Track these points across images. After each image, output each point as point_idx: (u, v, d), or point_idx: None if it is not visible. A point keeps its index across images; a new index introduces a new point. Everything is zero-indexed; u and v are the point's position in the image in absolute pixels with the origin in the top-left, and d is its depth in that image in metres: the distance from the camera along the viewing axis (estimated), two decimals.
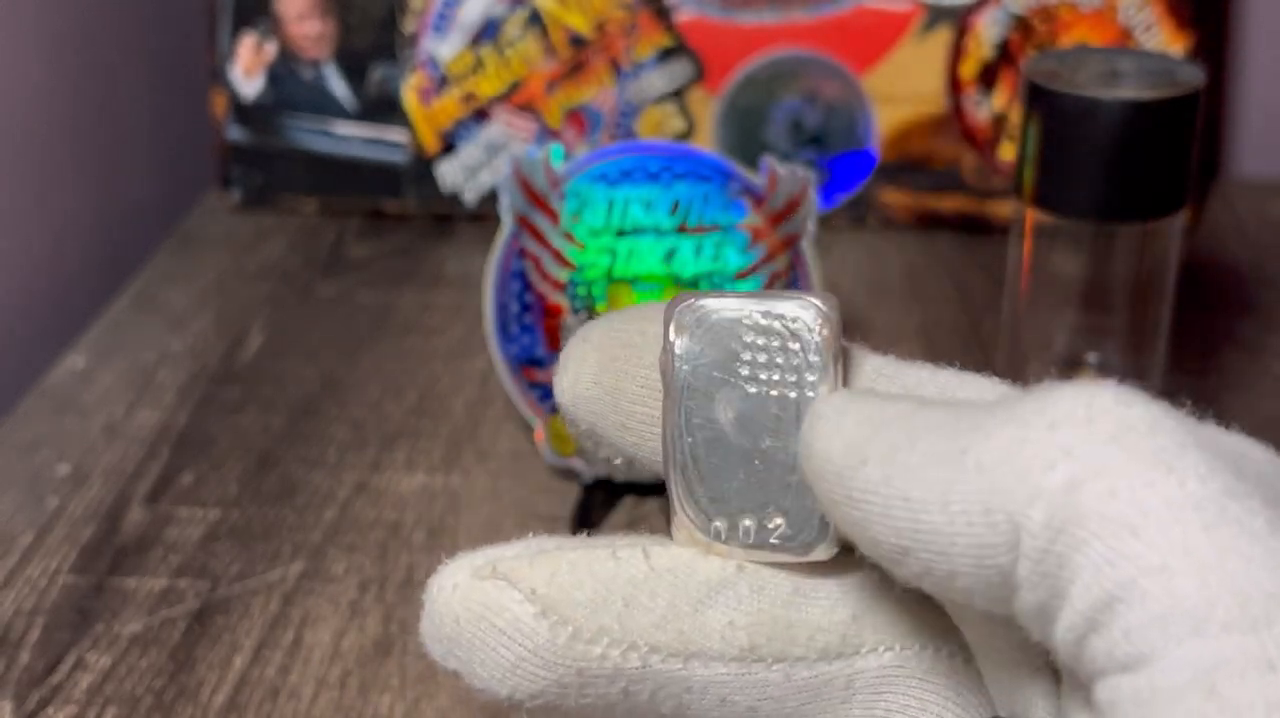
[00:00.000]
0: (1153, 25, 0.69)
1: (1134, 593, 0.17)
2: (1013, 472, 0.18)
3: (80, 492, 0.53)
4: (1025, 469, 0.18)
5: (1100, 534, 0.18)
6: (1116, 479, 0.18)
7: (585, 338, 0.25)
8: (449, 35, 0.72)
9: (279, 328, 0.65)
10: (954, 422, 0.19)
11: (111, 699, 0.43)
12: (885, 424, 0.20)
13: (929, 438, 0.19)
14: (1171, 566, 0.17)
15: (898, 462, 0.19)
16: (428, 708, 0.43)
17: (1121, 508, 0.18)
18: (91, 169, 0.72)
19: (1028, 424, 0.18)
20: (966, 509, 0.18)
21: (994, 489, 0.18)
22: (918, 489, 0.19)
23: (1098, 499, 0.18)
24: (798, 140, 0.72)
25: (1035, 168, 0.46)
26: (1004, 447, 0.18)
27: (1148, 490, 0.18)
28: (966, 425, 0.19)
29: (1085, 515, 0.18)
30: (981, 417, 0.19)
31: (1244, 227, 0.73)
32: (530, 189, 0.50)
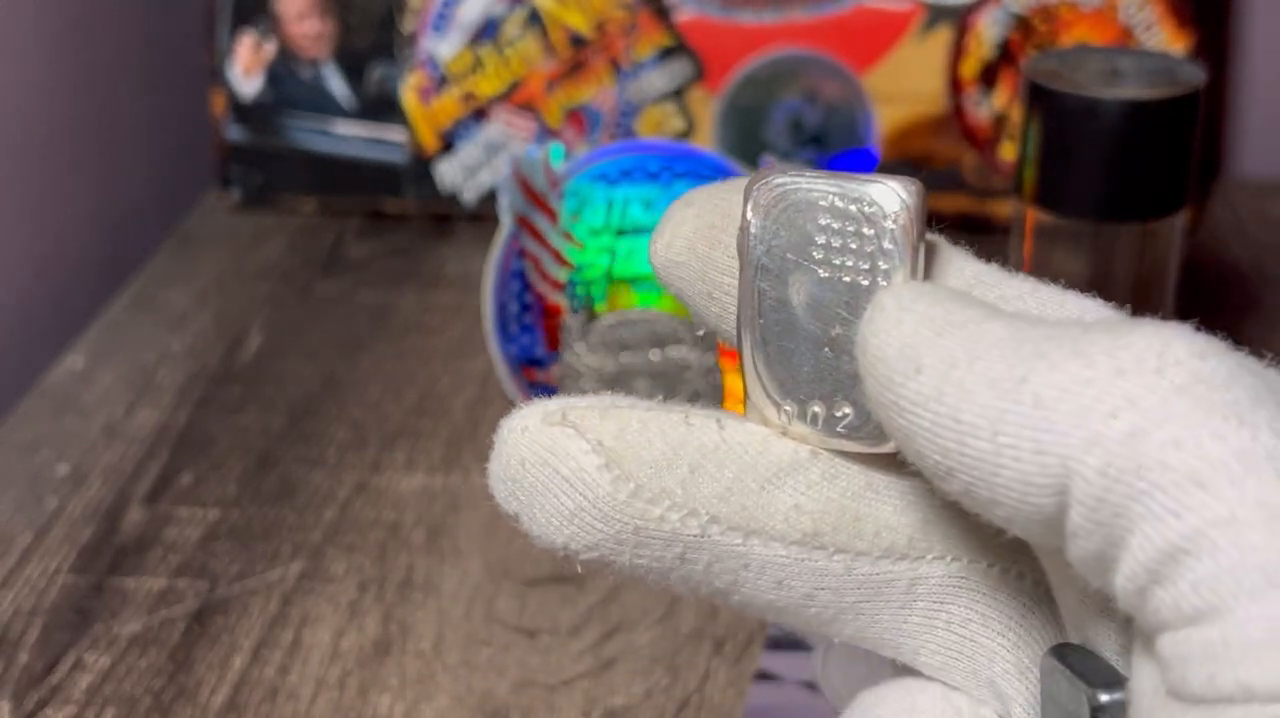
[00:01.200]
0: (1153, 25, 0.69)
1: (1202, 545, 0.17)
2: (1071, 413, 0.17)
3: (79, 492, 0.53)
4: (1084, 413, 0.17)
5: (1162, 485, 0.17)
6: (1182, 430, 0.17)
7: (687, 201, 0.23)
8: (448, 35, 0.71)
9: (278, 328, 0.65)
10: (1019, 343, 0.18)
11: (110, 700, 0.43)
12: (948, 330, 0.19)
13: (990, 356, 0.18)
14: (1242, 517, 0.17)
15: (953, 378, 0.18)
16: (427, 709, 0.43)
17: (1187, 459, 0.17)
18: (91, 169, 0.72)
19: (1094, 364, 0.18)
20: (1017, 443, 0.18)
21: (1049, 428, 0.18)
22: (969, 412, 0.18)
23: (1160, 449, 0.17)
24: (798, 140, 0.72)
25: (1036, 167, 0.46)
26: (1065, 384, 0.18)
27: (1217, 443, 0.17)
28: (1030, 351, 0.18)
29: (1146, 466, 0.17)
30: (1049, 344, 0.18)
31: (1244, 226, 0.73)
32: (530, 189, 0.50)
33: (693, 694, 0.43)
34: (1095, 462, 0.17)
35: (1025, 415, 0.18)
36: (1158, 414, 0.17)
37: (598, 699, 0.43)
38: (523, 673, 0.44)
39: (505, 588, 0.48)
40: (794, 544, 0.22)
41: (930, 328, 0.19)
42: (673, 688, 0.44)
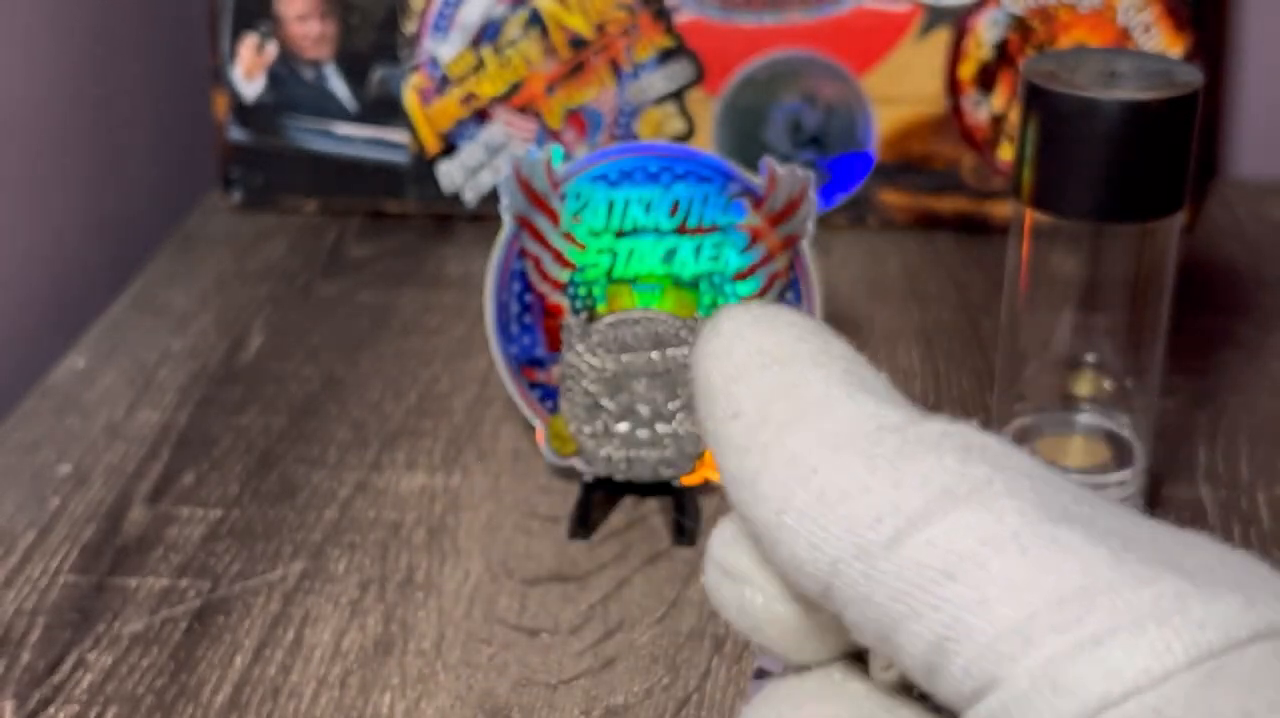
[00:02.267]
0: (1151, 26, 0.70)
1: (959, 631, 0.18)
2: (845, 518, 0.19)
3: (81, 491, 0.53)
4: (856, 521, 0.19)
5: (921, 584, 0.19)
6: (937, 529, 0.19)
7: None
8: (449, 36, 0.72)
9: (280, 328, 0.65)
10: (822, 412, 0.20)
11: (113, 699, 0.44)
12: (771, 367, 0.21)
13: (800, 424, 0.20)
14: (991, 596, 0.18)
15: (760, 439, 0.20)
16: (428, 707, 0.43)
17: (940, 554, 0.19)
18: (93, 170, 0.72)
19: (875, 470, 0.19)
20: (796, 530, 0.20)
21: (825, 528, 0.19)
22: (765, 482, 0.20)
23: (917, 551, 0.19)
24: (797, 141, 0.72)
25: (1034, 168, 0.46)
26: (846, 487, 0.19)
27: (966, 534, 0.19)
28: (829, 432, 0.20)
29: (906, 568, 0.19)
30: (846, 429, 0.20)
31: (1242, 227, 0.73)
32: (530, 190, 0.50)
33: (693, 693, 0.44)
34: (861, 567, 0.19)
35: (809, 506, 0.20)
36: (919, 518, 0.19)
37: (598, 698, 0.44)
38: (523, 672, 0.45)
39: (506, 587, 0.48)
40: None
41: (757, 362, 0.21)
42: (673, 687, 0.44)
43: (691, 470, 0.51)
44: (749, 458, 0.20)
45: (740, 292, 0.50)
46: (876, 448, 0.20)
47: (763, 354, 0.21)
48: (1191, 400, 0.58)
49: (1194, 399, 0.58)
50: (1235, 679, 0.17)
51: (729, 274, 0.50)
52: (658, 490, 0.52)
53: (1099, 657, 0.18)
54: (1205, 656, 0.18)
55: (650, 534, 0.51)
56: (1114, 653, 0.18)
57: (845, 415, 0.20)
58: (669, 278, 0.51)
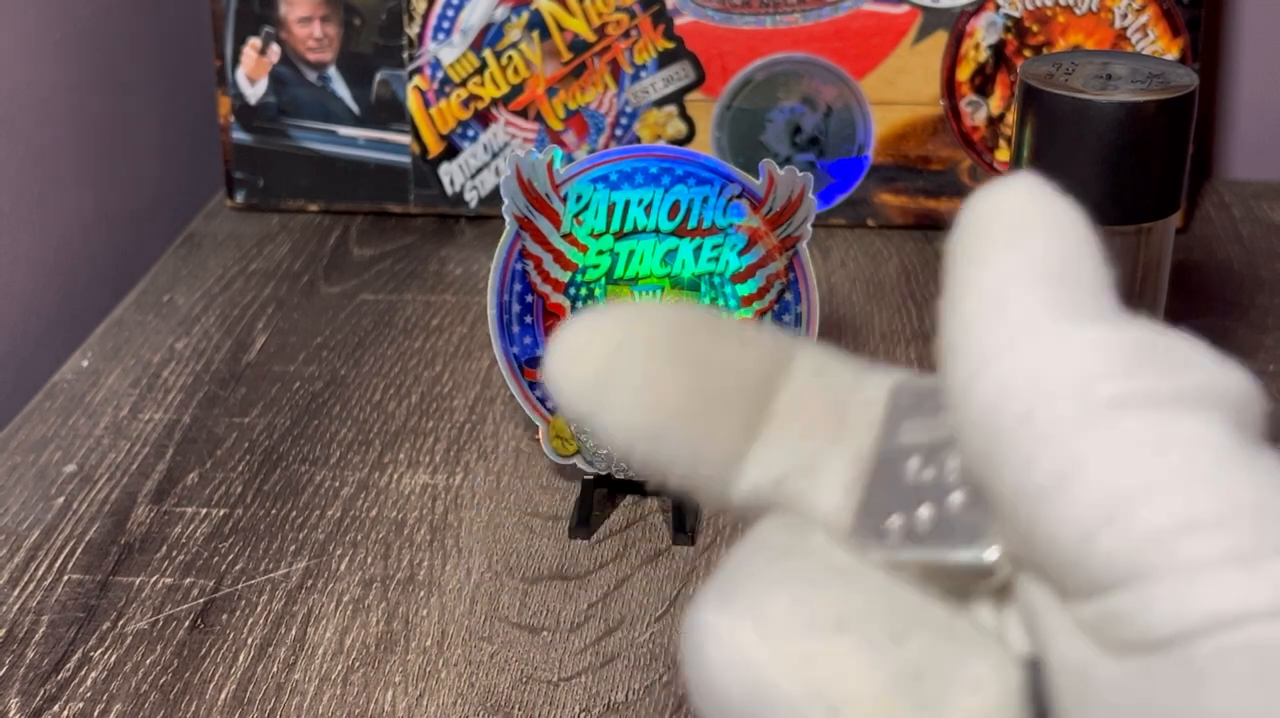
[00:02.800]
0: (1147, 28, 0.70)
1: (1142, 516, 0.19)
2: (1075, 362, 0.20)
3: (86, 490, 0.54)
4: (1088, 368, 0.20)
5: (1121, 449, 0.19)
6: (1159, 414, 0.19)
7: (597, 316, 0.23)
8: (451, 39, 0.72)
9: (283, 328, 0.65)
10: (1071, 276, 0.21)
11: (117, 696, 0.44)
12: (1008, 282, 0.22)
13: (1023, 300, 0.21)
14: (1176, 490, 0.19)
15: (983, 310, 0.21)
16: (431, 704, 0.43)
17: (1153, 436, 0.19)
18: (98, 172, 0.73)
19: (1120, 337, 0.20)
20: (1029, 357, 0.20)
21: (1052, 365, 0.20)
22: (1012, 310, 0.21)
23: (1134, 421, 0.19)
24: (796, 143, 0.72)
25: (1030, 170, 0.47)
26: (1082, 342, 0.20)
27: (1180, 429, 0.19)
28: (1074, 298, 0.21)
29: (1114, 430, 0.19)
30: (1084, 304, 0.21)
31: (1237, 228, 0.74)
32: (532, 191, 0.50)
33: None
34: (1072, 409, 0.19)
35: (1050, 331, 0.20)
36: (1147, 396, 0.19)
37: (599, 695, 0.44)
38: (525, 669, 0.45)
39: (507, 585, 0.49)
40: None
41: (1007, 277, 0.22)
42: (673, 684, 0.44)
43: None
44: (1010, 286, 0.21)
45: (739, 292, 0.51)
46: (1130, 331, 0.20)
47: (1054, 219, 0.22)
48: None
49: None
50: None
51: (728, 275, 0.51)
52: (658, 490, 0.52)
53: (1257, 566, 0.18)
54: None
55: (650, 533, 0.51)
56: (1268, 571, 0.18)
57: (1110, 303, 0.21)
58: (669, 279, 0.51)
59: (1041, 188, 0.22)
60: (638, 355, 0.23)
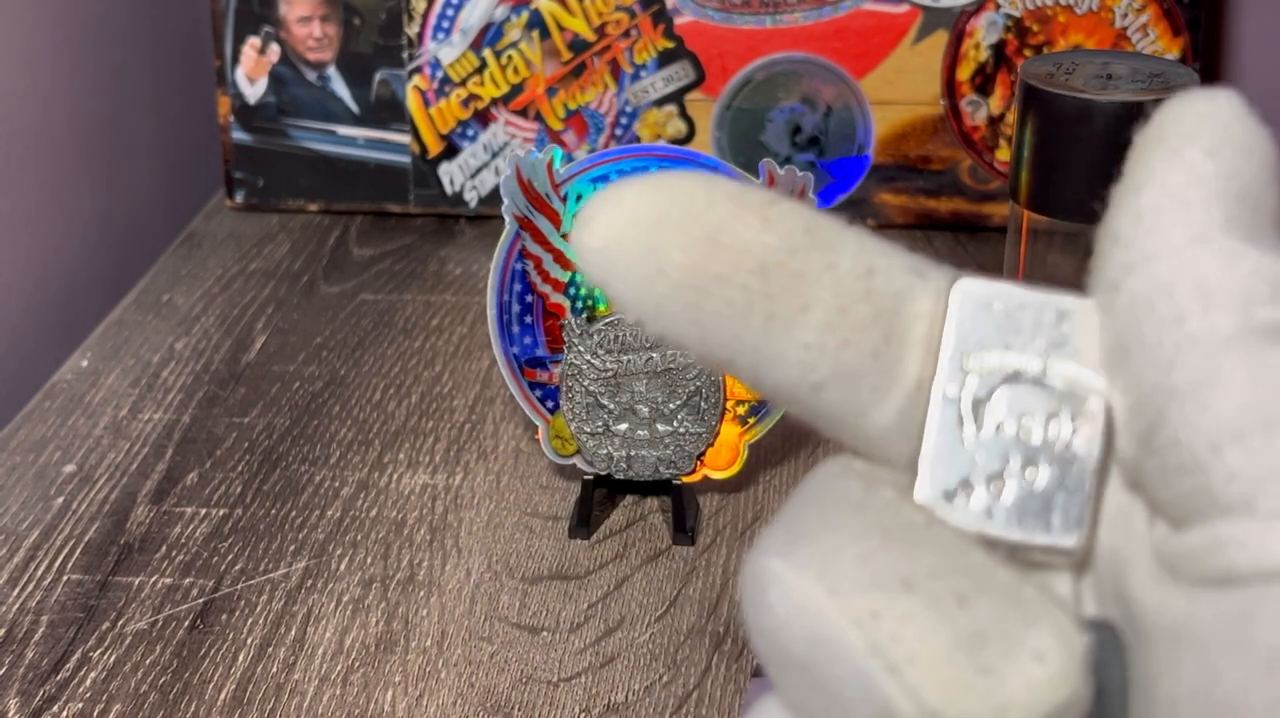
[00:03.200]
0: (1148, 28, 0.70)
1: (1262, 441, 0.19)
2: (1243, 281, 0.20)
3: (86, 490, 0.54)
4: (1254, 287, 0.20)
5: (1271, 376, 0.19)
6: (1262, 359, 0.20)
7: (623, 183, 0.23)
8: (451, 38, 0.72)
9: (283, 328, 0.65)
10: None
11: (116, 696, 0.44)
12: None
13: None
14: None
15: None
16: (430, 704, 0.43)
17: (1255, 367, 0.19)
18: (97, 172, 0.73)
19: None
20: (1195, 263, 0.20)
21: (1220, 278, 0.20)
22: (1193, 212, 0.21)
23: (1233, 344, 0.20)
24: (796, 143, 0.72)
25: (1031, 170, 0.47)
26: (1257, 261, 0.20)
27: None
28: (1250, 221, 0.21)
29: (1271, 355, 0.19)
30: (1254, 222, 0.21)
31: None
32: (532, 191, 0.50)
33: (693, 691, 0.44)
34: (1230, 322, 0.20)
35: (1221, 244, 0.21)
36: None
37: (599, 695, 0.44)
38: (524, 669, 0.45)
39: (507, 585, 0.49)
40: None
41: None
42: (673, 684, 0.44)
43: (691, 470, 0.51)
44: (1196, 189, 0.21)
45: None
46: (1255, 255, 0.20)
47: (1255, 141, 0.22)
48: None
49: None
50: None
51: None
52: (658, 489, 0.52)
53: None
54: None
55: (650, 533, 0.51)
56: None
57: (1277, 211, 0.21)
58: None
59: (1247, 111, 0.22)
60: (645, 226, 0.22)
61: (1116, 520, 0.22)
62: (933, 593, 0.20)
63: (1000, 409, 0.22)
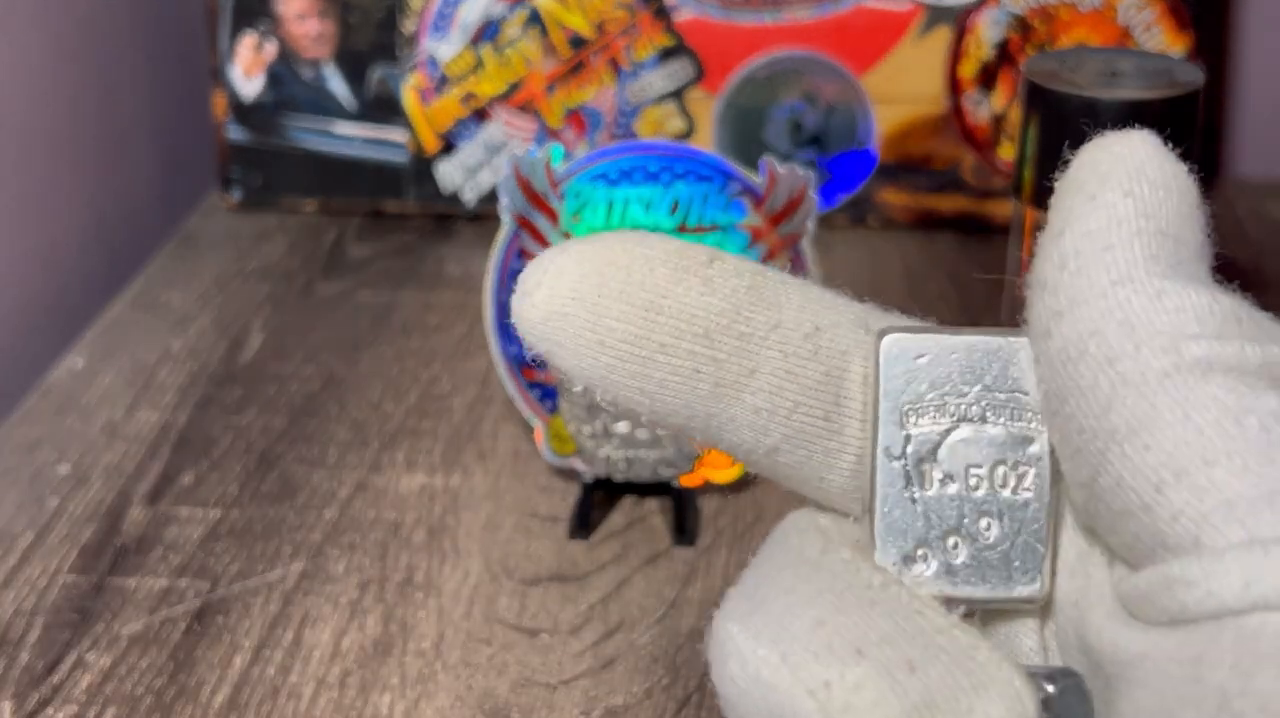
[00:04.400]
0: (1152, 25, 0.69)
1: (1200, 480, 0.19)
2: (1169, 319, 0.20)
3: (80, 492, 0.53)
4: (1180, 327, 0.20)
5: (1200, 409, 0.19)
6: (1238, 378, 0.20)
7: (560, 252, 0.23)
8: (449, 35, 0.72)
9: (279, 328, 0.65)
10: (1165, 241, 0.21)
11: (111, 699, 0.43)
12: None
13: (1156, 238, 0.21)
14: (1245, 467, 0.19)
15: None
16: (427, 708, 0.43)
17: (1234, 399, 0.19)
18: (92, 169, 0.72)
19: (1217, 302, 0.21)
20: (1121, 308, 0.21)
21: (1145, 320, 0.20)
22: (1117, 257, 0.21)
23: (1217, 388, 0.19)
24: (797, 140, 0.72)
25: (1034, 168, 0.46)
26: (1180, 302, 0.21)
27: (1264, 402, 0.19)
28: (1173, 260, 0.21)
29: (1199, 390, 0.20)
30: (1182, 257, 0.22)
31: (1243, 227, 0.73)
32: (530, 189, 0.50)
33: (693, 694, 0.44)
34: (1162, 363, 0.20)
35: (1146, 289, 0.21)
36: (1233, 360, 0.20)
37: (598, 699, 0.43)
38: (523, 672, 0.44)
39: (506, 587, 0.48)
40: None
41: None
42: (673, 688, 0.44)
43: (691, 470, 0.51)
44: (1116, 230, 0.21)
45: None
46: (1224, 299, 0.21)
47: (1171, 176, 0.22)
48: None
49: None
50: None
51: None
52: (657, 490, 0.52)
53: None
54: None
55: (650, 534, 0.51)
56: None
57: (1206, 271, 0.21)
58: None
59: (1162, 146, 0.22)
60: (585, 297, 0.22)
61: (1076, 568, 0.22)
62: (884, 660, 0.20)
63: (945, 464, 0.22)
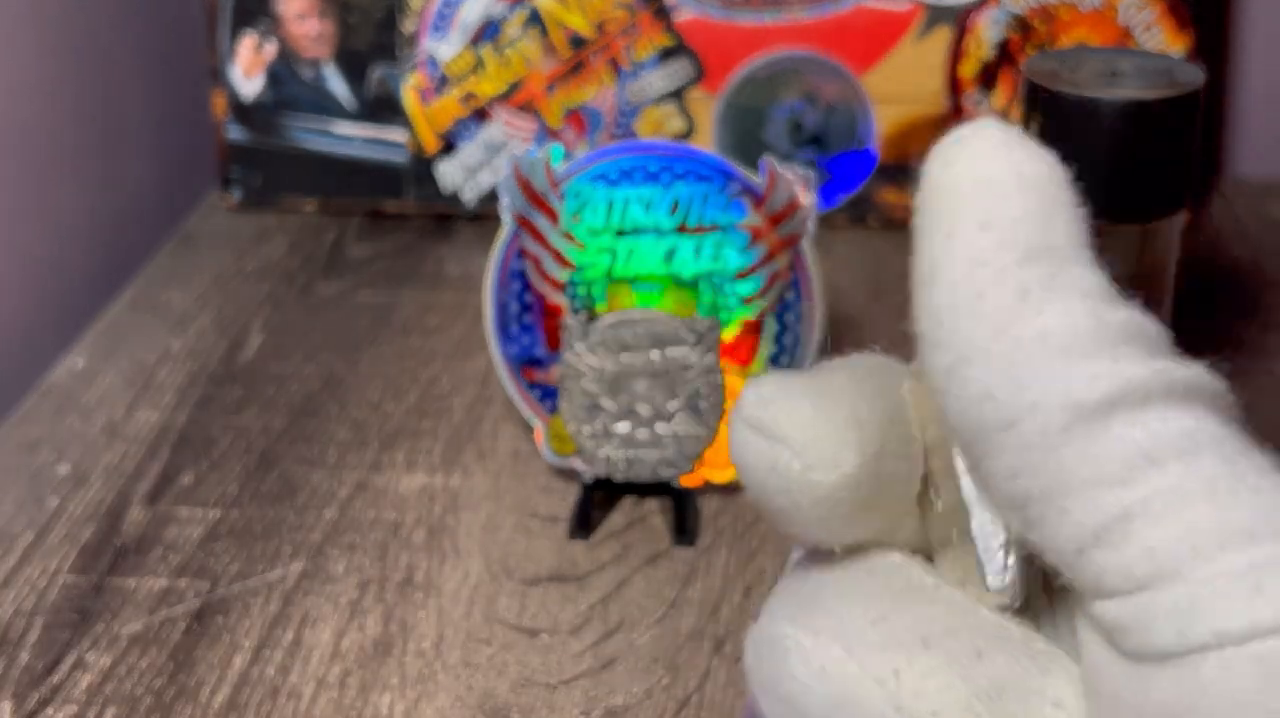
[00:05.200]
0: (1152, 25, 0.69)
1: (1135, 525, 0.18)
2: (1058, 367, 0.19)
3: (80, 492, 0.53)
4: (1072, 374, 0.19)
5: (1117, 458, 0.19)
6: (1149, 414, 0.19)
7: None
8: (449, 35, 0.72)
9: (279, 328, 0.65)
10: (1061, 269, 0.20)
11: (111, 699, 0.43)
12: (1028, 193, 0.21)
13: (1035, 269, 0.20)
14: (1173, 502, 0.18)
15: (997, 262, 0.20)
16: (427, 708, 0.43)
17: (1148, 440, 0.19)
18: (92, 170, 0.72)
19: (1101, 339, 0.20)
20: (1003, 364, 0.20)
21: (1032, 372, 0.19)
22: (988, 304, 0.20)
23: (1125, 428, 0.19)
24: (797, 140, 0.72)
25: None
26: (1069, 342, 0.20)
27: (1175, 430, 0.19)
28: (1058, 288, 0.20)
29: (1106, 437, 0.19)
30: (1074, 291, 0.20)
31: (1243, 227, 0.73)
32: (530, 189, 0.50)
33: (693, 694, 0.44)
34: (1062, 419, 0.19)
35: (1029, 341, 0.20)
36: (1137, 397, 0.19)
37: (598, 699, 0.43)
38: (523, 672, 0.44)
39: (506, 587, 0.48)
40: None
41: (1015, 180, 0.21)
42: (673, 688, 0.44)
43: (691, 471, 0.51)
44: (981, 272, 0.20)
45: (740, 291, 0.50)
46: (1108, 316, 0.19)
47: (1021, 177, 0.20)
48: None
49: None
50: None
51: (729, 274, 0.50)
52: (657, 491, 0.52)
53: (1259, 583, 0.18)
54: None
55: (650, 534, 0.51)
56: (1275, 585, 0.17)
57: (1087, 277, 0.20)
58: (669, 277, 0.50)
59: (1006, 137, 0.21)
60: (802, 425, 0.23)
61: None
62: (950, 649, 0.21)
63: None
